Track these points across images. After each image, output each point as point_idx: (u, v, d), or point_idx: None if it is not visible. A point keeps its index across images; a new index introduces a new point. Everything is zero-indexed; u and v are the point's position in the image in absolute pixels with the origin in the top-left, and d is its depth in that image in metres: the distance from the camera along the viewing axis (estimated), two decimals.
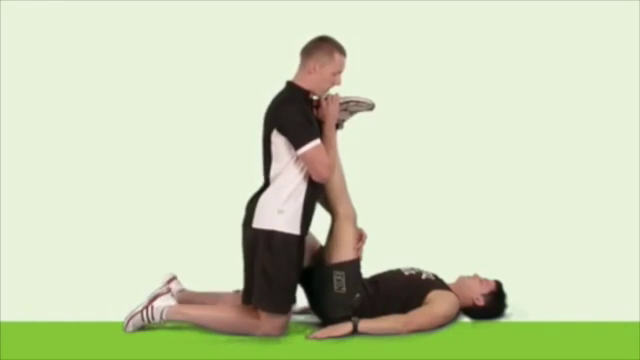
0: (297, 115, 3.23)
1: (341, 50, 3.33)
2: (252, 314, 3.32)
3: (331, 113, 3.35)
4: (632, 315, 3.50)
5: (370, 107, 3.47)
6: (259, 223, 3.26)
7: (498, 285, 3.55)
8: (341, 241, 3.41)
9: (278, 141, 3.25)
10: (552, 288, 3.91)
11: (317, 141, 3.21)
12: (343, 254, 3.40)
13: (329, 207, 3.47)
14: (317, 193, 3.35)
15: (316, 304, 3.46)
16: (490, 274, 3.59)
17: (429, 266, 3.59)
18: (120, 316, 3.53)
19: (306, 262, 3.42)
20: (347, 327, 3.29)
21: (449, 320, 3.42)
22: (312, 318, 3.51)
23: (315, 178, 3.24)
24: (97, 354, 3.17)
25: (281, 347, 3.23)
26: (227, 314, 3.36)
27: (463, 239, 4.63)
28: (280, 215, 3.23)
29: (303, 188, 3.27)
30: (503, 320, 3.53)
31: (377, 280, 3.51)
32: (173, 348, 3.21)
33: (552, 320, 3.49)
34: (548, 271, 4.17)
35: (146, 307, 3.38)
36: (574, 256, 4.39)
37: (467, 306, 3.51)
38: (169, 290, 3.52)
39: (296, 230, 3.25)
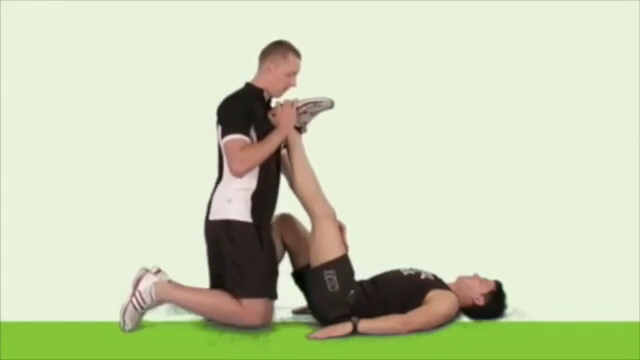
0: (231, 108, 3.34)
1: (295, 52, 3.45)
2: (237, 302, 3.35)
3: (285, 118, 3.39)
4: (632, 315, 3.50)
5: (329, 105, 3.51)
6: (214, 215, 3.38)
7: (498, 285, 3.55)
8: (325, 240, 3.42)
9: (219, 132, 3.37)
10: (552, 288, 3.92)
11: (237, 135, 3.28)
12: (329, 253, 3.40)
13: (306, 210, 3.49)
14: (272, 182, 3.44)
15: (313, 306, 3.46)
16: (490, 274, 3.59)
17: (429, 266, 3.59)
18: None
19: (306, 261, 3.47)
20: (347, 327, 3.29)
21: (449, 320, 3.42)
22: (312, 318, 3.51)
23: (229, 170, 3.31)
24: (97, 354, 3.17)
25: (281, 347, 3.23)
26: (213, 300, 3.38)
27: (463, 239, 4.63)
28: (230, 204, 3.34)
29: (253, 178, 3.36)
30: (503, 320, 3.53)
31: (376, 280, 3.51)
32: (173, 348, 3.21)
33: (552, 320, 3.49)
34: (548, 271, 4.17)
35: (133, 294, 3.39)
36: (574, 256, 4.39)
37: (467, 306, 3.51)
38: (147, 270, 3.49)
39: (248, 218, 3.34)
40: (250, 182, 3.35)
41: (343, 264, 3.41)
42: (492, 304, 3.51)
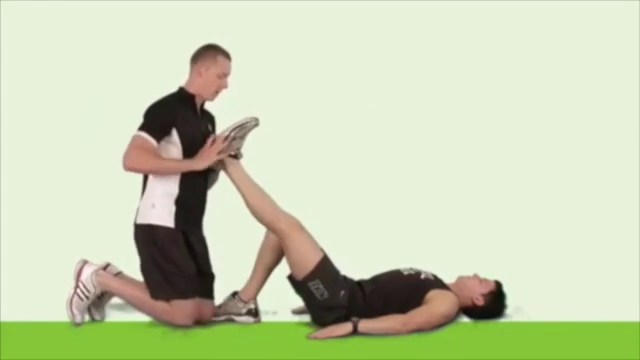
0: (154, 110, 3.39)
1: (225, 54, 3.50)
2: (167, 302, 3.41)
3: (201, 156, 3.40)
4: (632, 315, 3.50)
5: (255, 124, 3.49)
6: (139, 219, 3.44)
7: (498, 285, 3.55)
8: (300, 252, 3.39)
9: None
10: (552, 288, 3.92)
11: (145, 134, 3.32)
12: (308, 263, 3.38)
13: (272, 231, 3.47)
14: (197, 188, 3.47)
15: (310, 315, 3.47)
16: (490, 274, 3.59)
17: (429, 266, 3.59)
18: (120, 316, 3.55)
19: None
20: (347, 327, 3.29)
21: (449, 320, 3.42)
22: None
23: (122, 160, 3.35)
24: (97, 354, 3.17)
25: (281, 347, 3.23)
26: (145, 296, 3.45)
27: (463, 239, 4.63)
28: (153, 209, 3.40)
29: (174, 183, 3.40)
30: (503, 320, 3.53)
31: (376, 280, 3.51)
32: (173, 348, 3.21)
33: (552, 320, 3.49)
34: (548, 271, 4.18)
35: (77, 286, 3.47)
36: (574, 256, 4.39)
37: (467, 306, 3.51)
38: (86, 261, 3.57)
39: (170, 223, 3.40)
40: (172, 187, 3.41)
41: (324, 269, 3.39)
42: (492, 304, 3.51)
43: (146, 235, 3.41)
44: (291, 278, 3.46)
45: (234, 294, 3.59)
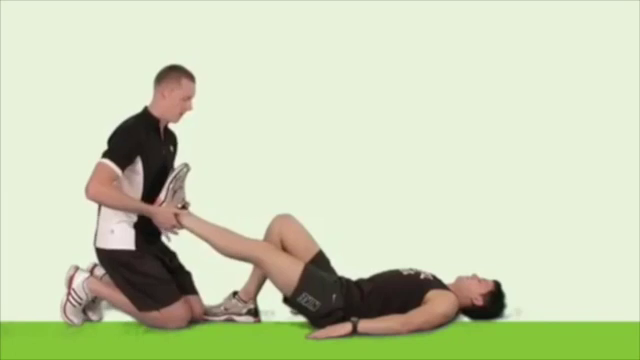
0: (120, 137, 3.37)
1: (189, 76, 3.47)
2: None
3: (157, 222, 3.40)
4: (632, 315, 3.50)
5: (186, 170, 3.49)
6: (99, 243, 3.48)
7: (497, 285, 3.54)
8: (281, 272, 3.38)
9: None
10: (552, 288, 3.91)
11: (110, 163, 3.31)
12: (290, 280, 3.37)
13: (249, 261, 3.47)
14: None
15: (311, 324, 3.46)
16: (490, 274, 3.58)
17: (428, 266, 3.59)
18: (119, 316, 3.54)
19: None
20: (346, 327, 3.29)
21: (448, 320, 3.41)
22: None
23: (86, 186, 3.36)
24: (97, 354, 3.17)
25: (281, 347, 3.23)
26: None
27: (462, 239, 4.63)
28: (112, 234, 3.41)
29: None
30: (502, 320, 3.52)
31: (375, 280, 3.51)
32: (173, 348, 3.22)
33: (552, 320, 3.49)
34: (548, 271, 4.17)
35: (69, 292, 3.48)
36: (574, 256, 4.39)
37: (466, 306, 3.50)
38: (78, 267, 3.58)
39: (131, 246, 3.41)
40: (130, 213, 3.40)
41: (308, 280, 3.38)
42: (491, 304, 3.50)
43: (111, 259, 3.43)
44: (285, 299, 3.46)
45: (234, 294, 3.60)
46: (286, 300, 3.45)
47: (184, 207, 3.49)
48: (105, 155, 3.34)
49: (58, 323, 3.50)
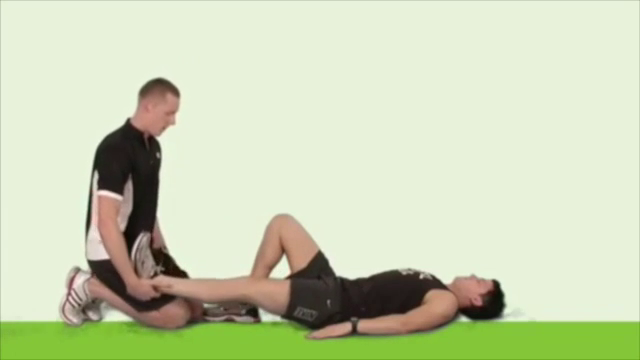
0: (111, 159, 3.35)
1: (174, 91, 3.46)
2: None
3: (137, 295, 3.39)
4: (632, 315, 3.50)
5: (147, 239, 3.46)
6: (90, 255, 3.47)
7: (496, 285, 3.54)
8: (270, 298, 3.38)
9: (94, 180, 3.40)
10: (552, 288, 3.91)
11: (112, 194, 3.32)
12: (282, 301, 3.36)
13: (238, 300, 3.46)
14: (143, 223, 3.47)
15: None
16: (489, 274, 3.58)
17: (427, 266, 3.59)
18: (119, 316, 3.54)
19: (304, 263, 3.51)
20: (346, 327, 3.29)
21: (448, 320, 3.41)
22: None
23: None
24: (97, 354, 3.17)
25: (281, 347, 3.23)
26: None
27: (461, 239, 4.62)
28: (100, 245, 3.38)
29: (122, 222, 3.41)
30: (502, 320, 3.52)
31: (375, 280, 3.50)
32: (173, 348, 3.22)
33: (552, 320, 3.49)
34: (548, 271, 4.16)
35: (69, 293, 3.49)
36: (574, 256, 4.38)
37: (465, 306, 3.50)
38: (79, 269, 3.58)
39: None
40: (119, 223, 3.39)
41: (298, 294, 3.37)
42: (490, 304, 3.50)
43: (105, 269, 3.41)
44: (283, 316, 3.46)
45: None
46: (285, 317, 3.45)
47: (156, 274, 3.47)
48: (102, 186, 3.33)
49: (58, 323, 3.50)
